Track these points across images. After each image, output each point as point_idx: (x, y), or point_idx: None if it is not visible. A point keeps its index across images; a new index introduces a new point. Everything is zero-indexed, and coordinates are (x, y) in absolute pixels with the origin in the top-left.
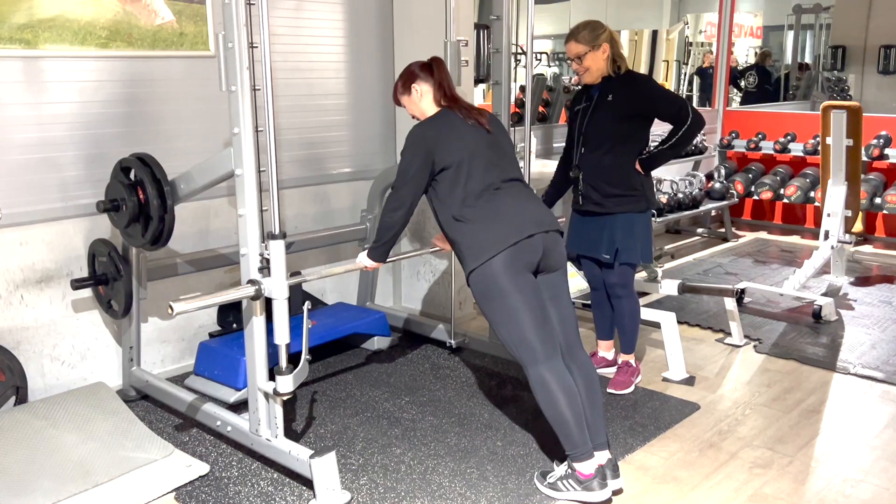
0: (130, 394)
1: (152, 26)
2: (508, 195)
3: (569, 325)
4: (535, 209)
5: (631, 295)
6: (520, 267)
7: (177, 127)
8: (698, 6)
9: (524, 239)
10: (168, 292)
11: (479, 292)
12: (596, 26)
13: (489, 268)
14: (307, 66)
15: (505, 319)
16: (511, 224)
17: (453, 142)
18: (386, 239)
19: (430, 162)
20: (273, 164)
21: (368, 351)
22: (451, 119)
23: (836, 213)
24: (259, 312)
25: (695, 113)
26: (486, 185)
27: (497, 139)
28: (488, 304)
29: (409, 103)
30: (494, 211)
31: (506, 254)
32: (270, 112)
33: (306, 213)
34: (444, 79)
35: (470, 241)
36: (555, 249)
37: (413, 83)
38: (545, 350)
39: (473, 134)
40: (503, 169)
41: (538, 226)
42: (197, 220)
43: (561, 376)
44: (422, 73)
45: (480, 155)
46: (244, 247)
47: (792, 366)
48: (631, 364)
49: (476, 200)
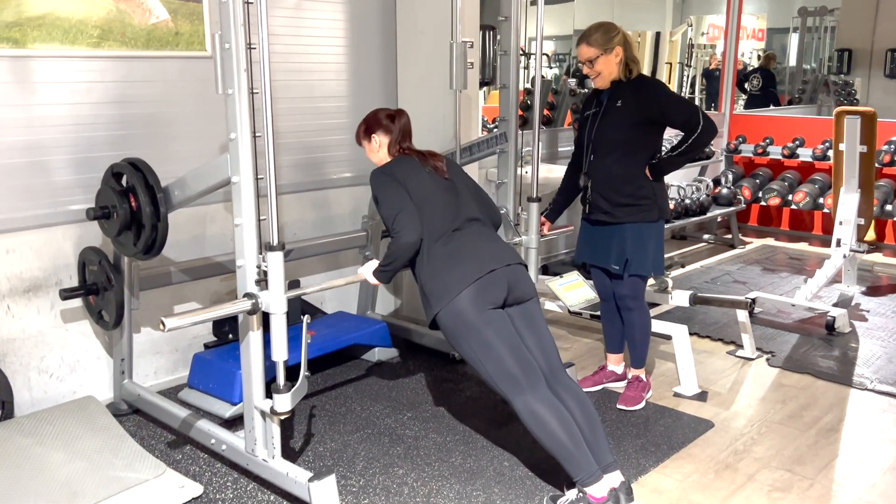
0: (122, 407)
1: (146, 25)
2: (466, 236)
3: (549, 351)
4: (493, 246)
5: (642, 307)
6: (486, 302)
7: (171, 130)
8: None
9: (486, 275)
10: (161, 302)
11: (450, 333)
12: (609, 28)
13: (454, 306)
14: (307, 67)
15: (481, 355)
16: (471, 262)
17: (412, 185)
18: (395, 267)
19: (405, 189)
20: (272, 170)
21: (369, 362)
22: (409, 164)
23: (848, 221)
24: (256, 327)
25: (706, 120)
26: (443, 228)
27: (453, 183)
28: (460, 342)
29: (368, 149)
30: (453, 252)
31: (469, 290)
32: (269, 116)
33: (305, 220)
34: (404, 132)
35: (432, 284)
36: (520, 281)
37: (374, 133)
38: (528, 379)
39: (430, 179)
40: (460, 211)
41: (499, 261)
42: (191, 226)
43: (549, 402)
44: (386, 122)
45: (437, 199)
46: (240, 258)
47: (807, 380)
48: (641, 379)
49: (434, 244)
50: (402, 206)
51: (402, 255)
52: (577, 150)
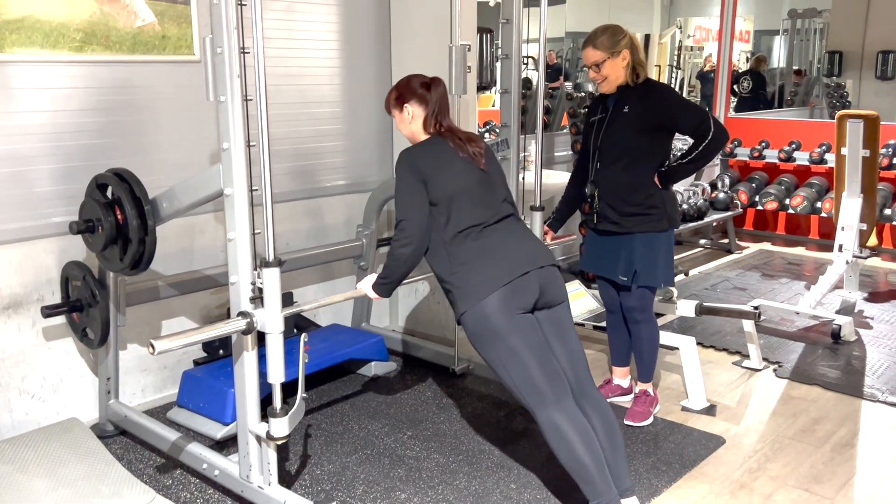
0: (108, 429)
1: (132, 28)
2: (499, 232)
3: (578, 362)
4: (528, 245)
5: (650, 319)
6: (515, 306)
7: (159, 138)
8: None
9: (518, 277)
10: (149, 317)
11: (473, 335)
12: (616, 31)
13: (482, 309)
14: (299, 71)
15: (506, 362)
16: (503, 262)
17: (443, 175)
18: (395, 277)
19: (424, 188)
20: (268, 182)
21: (365, 377)
22: (442, 150)
23: (850, 227)
24: (250, 347)
25: (717, 126)
26: (475, 223)
27: (489, 175)
28: (485, 347)
29: (399, 120)
30: (484, 250)
31: (499, 294)
32: (265, 124)
33: (298, 229)
34: (440, 104)
35: (460, 283)
36: (552, 284)
37: (406, 102)
38: (554, 391)
39: (465, 169)
40: (493, 206)
41: (532, 262)
42: (180, 237)
43: (574, 418)
44: (420, 90)
45: (470, 192)
46: (234, 274)
47: (816, 392)
48: (649, 393)
49: (465, 239)
50: (411, 212)
51: (399, 267)
52: (582, 157)
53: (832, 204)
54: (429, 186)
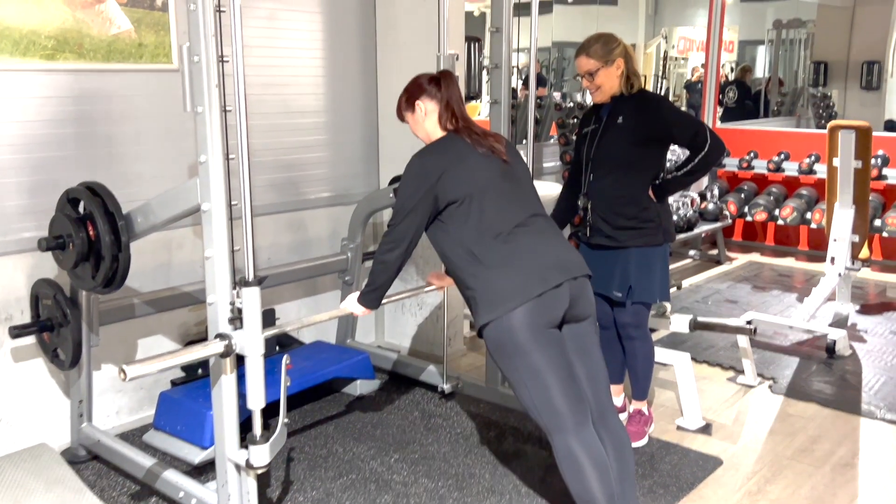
0: (80, 454)
1: (107, 36)
2: (530, 234)
3: (600, 383)
4: (561, 251)
5: (645, 336)
6: (544, 322)
7: (136, 149)
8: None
9: (551, 289)
10: (124, 335)
11: (495, 348)
12: (609, 39)
13: (507, 322)
14: (281, 80)
15: (526, 380)
16: (534, 271)
17: (460, 174)
18: (380, 283)
19: (431, 198)
20: (247, 197)
21: (351, 396)
22: (458, 146)
23: (843, 239)
24: (229, 371)
25: (713, 138)
26: (503, 222)
27: (514, 169)
28: (506, 361)
29: (413, 122)
30: (514, 254)
31: (528, 307)
32: (244, 136)
33: (281, 243)
34: (453, 97)
35: (484, 289)
36: (583, 297)
37: (417, 99)
38: (575, 417)
39: (485, 164)
40: (522, 203)
41: (566, 272)
42: (157, 252)
43: (592, 448)
44: (429, 87)
45: (494, 188)
46: (211, 294)
47: (813, 409)
48: (643, 412)
49: (492, 241)
50: (407, 219)
51: (384, 272)
52: (575, 169)
53: (822, 215)
54: (440, 190)
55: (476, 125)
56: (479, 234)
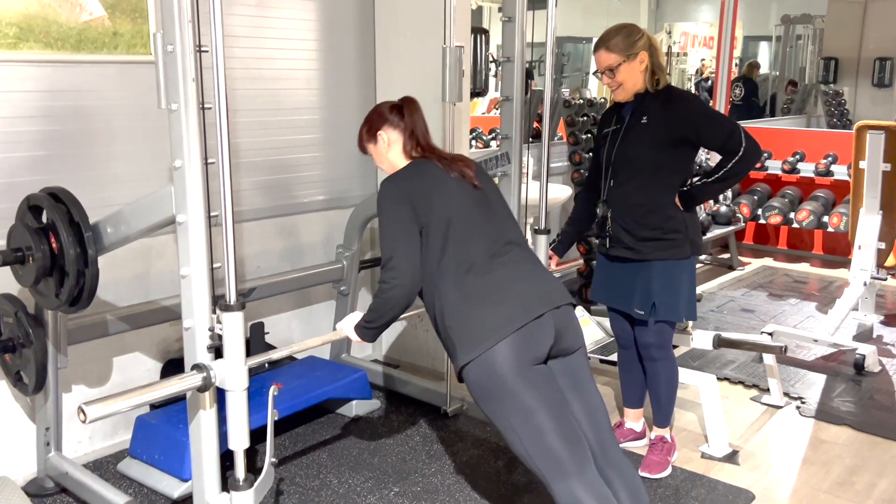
0: (47, 485)
1: (77, 24)
2: (506, 265)
3: (599, 419)
4: (541, 281)
5: (668, 357)
6: (529, 357)
7: (111, 149)
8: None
9: (532, 321)
10: (97, 353)
11: (478, 392)
12: (632, 31)
13: (490, 359)
14: (272, 74)
15: (517, 425)
16: (513, 303)
17: (434, 198)
18: (385, 321)
19: (415, 215)
20: (228, 206)
21: (346, 418)
22: (429, 169)
23: (868, 246)
24: (208, 405)
25: (749, 141)
26: (478, 253)
27: (486, 195)
28: (492, 406)
29: (376, 153)
30: (491, 287)
31: (510, 342)
32: (224, 138)
33: (271, 250)
34: (418, 125)
35: (461, 326)
36: (569, 328)
37: (380, 129)
38: (575, 459)
39: (458, 189)
40: (497, 231)
41: (548, 302)
42: (134, 262)
43: (599, 492)
44: (391, 115)
45: (468, 215)
46: (188, 318)
47: (846, 434)
48: (666, 439)
49: (467, 274)
50: (399, 245)
51: (389, 311)
52: (593, 173)
53: (840, 218)
54: (418, 210)
55: (442, 151)
56: (453, 267)
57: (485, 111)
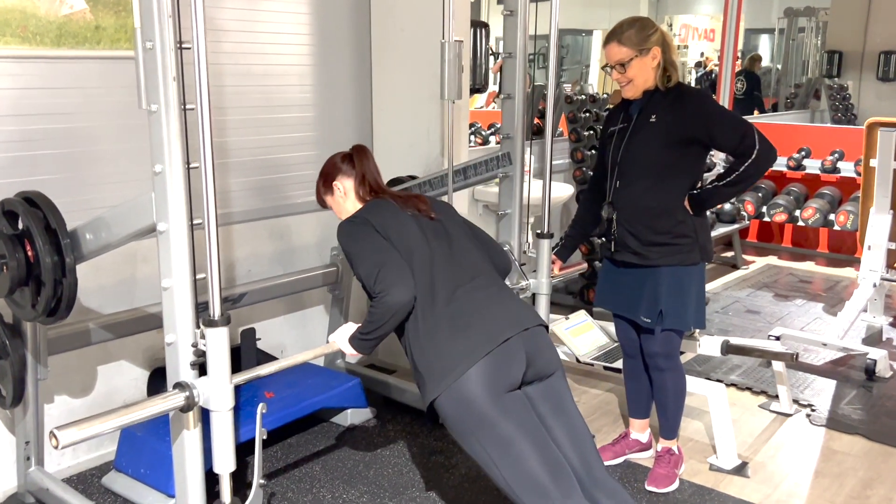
0: (27, 501)
1: (57, 17)
2: (471, 293)
3: (583, 442)
4: (506, 306)
5: (676, 367)
6: (501, 384)
7: (95, 149)
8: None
9: (499, 346)
10: (80, 362)
11: (453, 425)
12: (646, 25)
13: (460, 389)
14: (263, 70)
15: (496, 456)
16: (479, 329)
17: (392, 232)
18: (382, 331)
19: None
20: (212, 213)
21: (340, 427)
22: (384, 206)
23: (878, 246)
24: (192, 426)
25: (763, 143)
26: (440, 284)
27: (444, 226)
28: (468, 439)
29: (334, 204)
30: (455, 316)
31: (479, 368)
32: (208, 141)
33: (261, 253)
34: (368, 170)
35: (428, 359)
36: (541, 350)
37: (334, 180)
38: (560, 487)
39: (415, 222)
40: (458, 262)
41: (515, 325)
42: (118, 267)
43: None
44: (343, 165)
45: (426, 247)
46: (170, 333)
47: (860, 445)
48: (673, 451)
49: (431, 306)
50: (383, 259)
51: (389, 319)
52: (598, 173)
53: (846, 216)
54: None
55: (395, 191)
56: (417, 303)
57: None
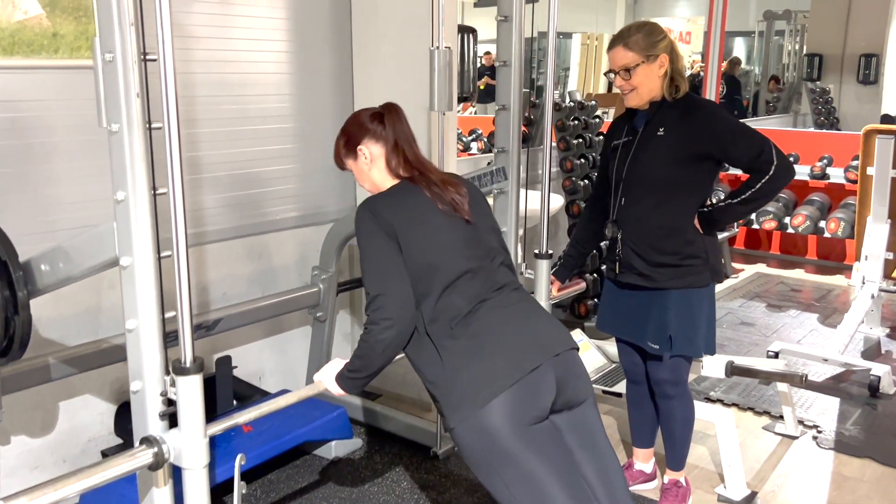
0: None
1: (10, 23)
2: (496, 310)
3: (614, 480)
4: (536, 325)
5: (684, 394)
6: (528, 416)
7: (53, 168)
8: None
9: (528, 374)
10: (41, 398)
11: (472, 458)
12: (654, 30)
13: (482, 422)
14: (238, 79)
15: (520, 495)
16: (504, 354)
17: (419, 233)
18: (371, 370)
19: (398, 247)
20: (182, 243)
21: (324, 460)
22: (416, 200)
23: (876, 257)
24: (162, 483)
25: (780, 159)
26: (465, 299)
27: (478, 231)
28: (489, 473)
29: (356, 170)
30: (479, 336)
31: (504, 399)
32: (177, 165)
33: (237, 274)
34: (401, 135)
35: (449, 385)
36: (573, 377)
37: (360, 142)
38: None
39: (447, 227)
40: (487, 274)
41: (544, 350)
42: (82, 294)
43: None
44: (372, 124)
45: (454, 258)
46: (136, 380)
47: (872, 469)
48: (681, 483)
49: (451, 324)
50: (387, 285)
51: (376, 357)
52: (600, 190)
53: (837, 224)
54: (400, 246)
55: (433, 169)
56: (435, 318)
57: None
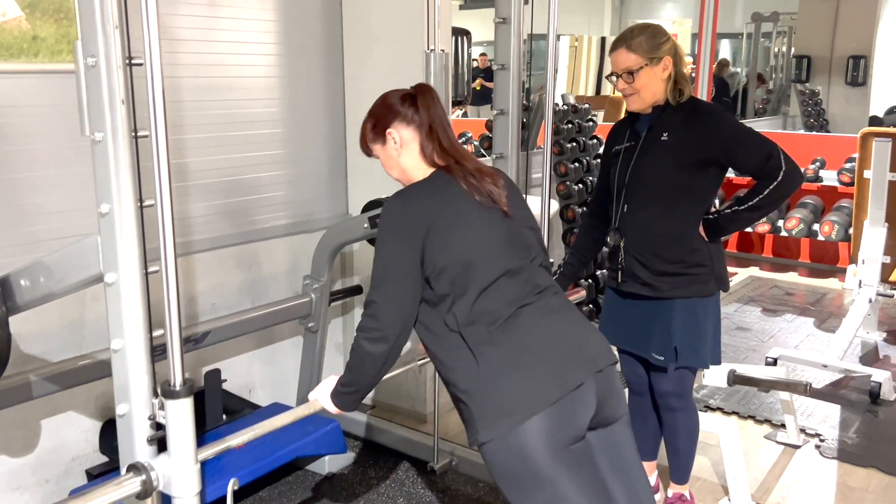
0: None
1: None
2: (537, 317)
3: (644, 501)
4: (580, 336)
5: (689, 407)
6: (567, 437)
7: (34, 175)
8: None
9: (571, 392)
10: (22, 416)
11: (502, 476)
12: (657, 32)
13: (518, 440)
14: (226, 83)
15: None
16: (547, 368)
17: (453, 233)
18: (365, 382)
19: (420, 256)
20: (171, 258)
21: (318, 476)
22: (451, 192)
23: (873, 260)
24: None
25: (789, 164)
26: (503, 302)
27: (517, 225)
28: (519, 494)
29: (385, 156)
30: (519, 345)
31: (543, 418)
32: (165, 175)
33: (228, 284)
34: (436, 119)
35: (483, 396)
36: (611, 394)
37: (389, 126)
38: None
39: (486, 221)
40: (528, 273)
41: (590, 366)
42: (65, 307)
43: None
44: (404, 107)
45: (493, 257)
46: (122, 403)
47: (877, 479)
48: (685, 497)
49: (490, 329)
50: (390, 291)
51: (368, 370)
52: (601, 196)
53: (831, 227)
54: (429, 249)
55: (469, 157)
56: (471, 319)
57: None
